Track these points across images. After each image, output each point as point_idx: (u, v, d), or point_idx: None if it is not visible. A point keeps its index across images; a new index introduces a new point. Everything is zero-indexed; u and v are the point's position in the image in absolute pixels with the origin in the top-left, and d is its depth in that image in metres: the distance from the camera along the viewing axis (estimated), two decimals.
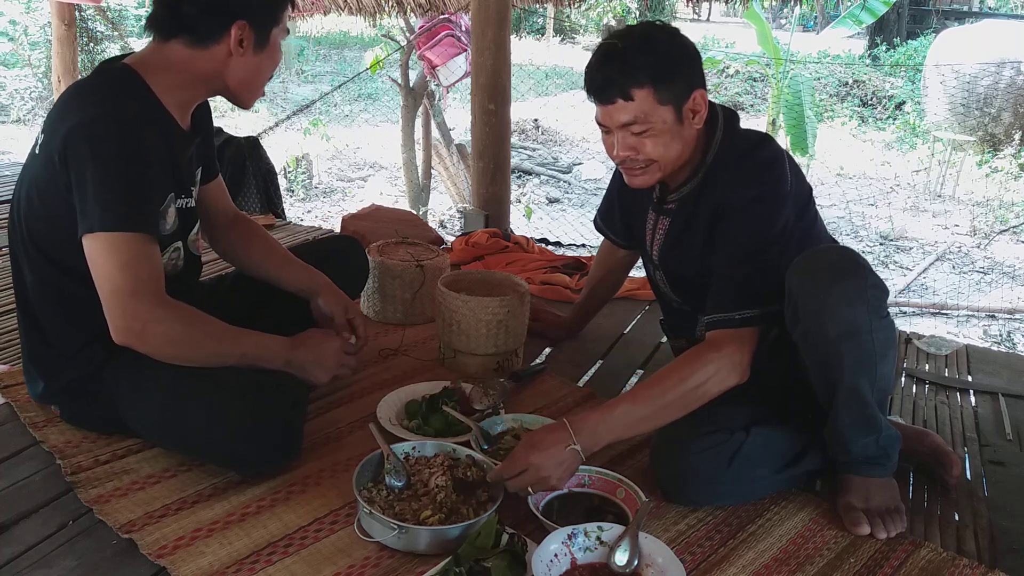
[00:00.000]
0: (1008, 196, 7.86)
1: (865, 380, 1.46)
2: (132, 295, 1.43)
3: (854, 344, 1.43)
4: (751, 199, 1.55)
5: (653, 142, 1.54)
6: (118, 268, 1.43)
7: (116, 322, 1.45)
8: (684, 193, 1.66)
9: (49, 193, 1.50)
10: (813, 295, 1.44)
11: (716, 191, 1.60)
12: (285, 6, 1.59)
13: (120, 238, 1.43)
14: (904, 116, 10.44)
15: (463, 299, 2.03)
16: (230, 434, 1.49)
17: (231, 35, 1.51)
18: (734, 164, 1.59)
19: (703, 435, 1.54)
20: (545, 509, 1.47)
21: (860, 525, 1.49)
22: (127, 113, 1.46)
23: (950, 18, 13.84)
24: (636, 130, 1.52)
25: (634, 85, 1.49)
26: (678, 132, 1.55)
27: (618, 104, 1.51)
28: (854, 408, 1.48)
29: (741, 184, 1.56)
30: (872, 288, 1.45)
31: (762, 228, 1.55)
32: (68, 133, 1.43)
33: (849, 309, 1.42)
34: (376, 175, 9.09)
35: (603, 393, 2.03)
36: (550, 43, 15.93)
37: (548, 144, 10.36)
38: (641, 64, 1.49)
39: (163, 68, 1.53)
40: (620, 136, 1.55)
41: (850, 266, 1.46)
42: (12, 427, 1.73)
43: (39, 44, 9.35)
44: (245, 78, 1.58)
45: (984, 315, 5.30)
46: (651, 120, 1.51)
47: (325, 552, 1.39)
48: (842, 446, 1.53)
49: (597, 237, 7.08)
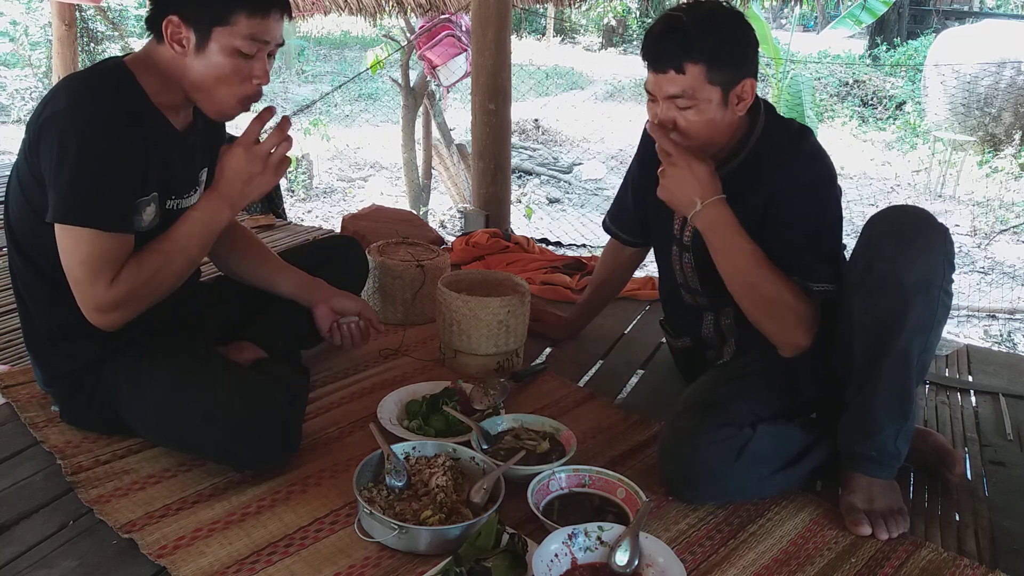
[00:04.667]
0: (1008, 196, 7.86)
1: (917, 344, 1.46)
2: (90, 287, 1.47)
3: (925, 297, 1.43)
4: (810, 182, 1.60)
5: (693, 119, 1.56)
6: (77, 262, 1.46)
7: (86, 313, 1.50)
8: (723, 174, 1.65)
9: (27, 183, 1.51)
10: (897, 240, 1.45)
11: (768, 175, 1.62)
12: (226, 6, 1.47)
13: (81, 232, 1.44)
14: (904, 116, 10.44)
15: (464, 299, 2.03)
16: (228, 431, 1.49)
17: (165, 32, 1.47)
18: (786, 150, 1.62)
19: (711, 428, 1.54)
20: (545, 509, 1.47)
21: (862, 526, 1.49)
22: (102, 108, 1.44)
23: (950, 18, 13.83)
24: (681, 104, 1.55)
25: (689, 60, 1.52)
26: (720, 115, 1.58)
27: (669, 75, 1.54)
28: (896, 378, 1.47)
29: (800, 168, 1.60)
30: (950, 243, 1.47)
31: (821, 210, 1.60)
32: (43, 123, 1.43)
33: (931, 257, 1.43)
34: (376, 175, 9.10)
35: (603, 393, 2.03)
36: (550, 43, 15.94)
37: (548, 144, 10.37)
38: (700, 41, 1.51)
39: (150, 67, 1.53)
40: (664, 107, 1.58)
41: (932, 220, 1.48)
42: (12, 427, 1.73)
43: (40, 44, 9.36)
44: (196, 82, 1.52)
45: (984, 315, 5.30)
46: (698, 97, 1.54)
47: (325, 552, 1.39)
48: (867, 431, 1.51)
49: (598, 237, 7.05)
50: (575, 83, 13.29)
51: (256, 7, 1.49)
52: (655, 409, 1.94)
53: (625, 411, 1.94)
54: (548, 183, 8.76)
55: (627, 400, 2.06)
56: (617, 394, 2.08)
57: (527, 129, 10.59)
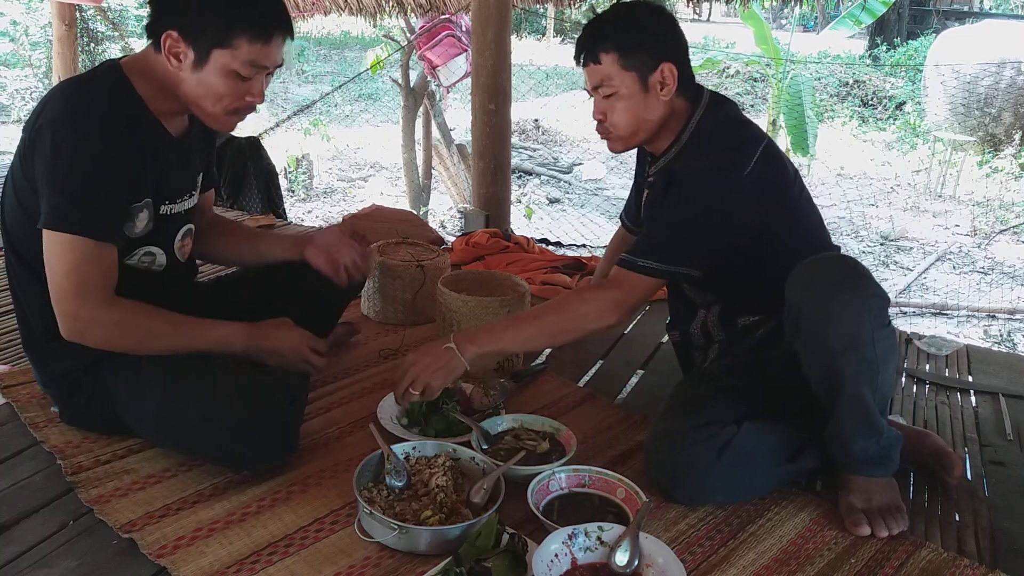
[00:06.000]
0: (1008, 196, 7.86)
1: (867, 388, 1.46)
2: (75, 297, 1.46)
3: (857, 356, 1.44)
4: (699, 172, 1.63)
5: (617, 108, 1.64)
6: (64, 270, 1.45)
7: (60, 320, 1.48)
8: (660, 166, 1.73)
9: (22, 188, 1.51)
10: (814, 308, 1.45)
11: (683, 164, 1.67)
12: (227, 28, 1.45)
13: (70, 240, 1.44)
14: (904, 116, 10.44)
15: (464, 299, 2.03)
16: (227, 432, 1.49)
17: (164, 45, 1.47)
18: (704, 140, 1.66)
19: (695, 428, 1.55)
20: (545, 509, 1.47)
21: (861, 526, 1.49)
22: (97, 114, 1.44)
23: (950, 18, 13.83)
24: (604, 92, 1.64)
25: (602, 49, 1.62)
26: (643, 101, 1.63)
27: (590, 67, 1.65)
28: (856, 415, 1.49)
29: (695, 158, 1.65)
30: (873, 298, 1.45)
31: (702, 202, 1.61)
32: (38, 129, 1.43)
33: (851, 321, 1.42)
34: (376, 175, 9.10)
35: (603, 393, 2.03)
36: (550, 43, 15.94)
37: (548, 144, 10.37)
38: (610, 31, 1.62)
39: (147, 73, 1.52)
40: (595, 100, 1.68)
41: (851, 277, 1.46)
42: (12, 427, 1.73)
43: (40, 44, 9.36)
44: (193, 96, 1.51)
45: (984, 315, 5.30)
46: (614, 84, 1.62)
47: (325, 552, 1.39)
48: (844, 448, 1.53)
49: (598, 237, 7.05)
50: (575, 83, 13.27)
51: (258, 32, 1.47)
52: (655, 409, 1.92)
53: (625, 411, 1.94)
54: (548, 183, 8.76)
55: (627, 400, 2.06)
56: (617, 394, 2.09)
57: (527, 129, 10.59)
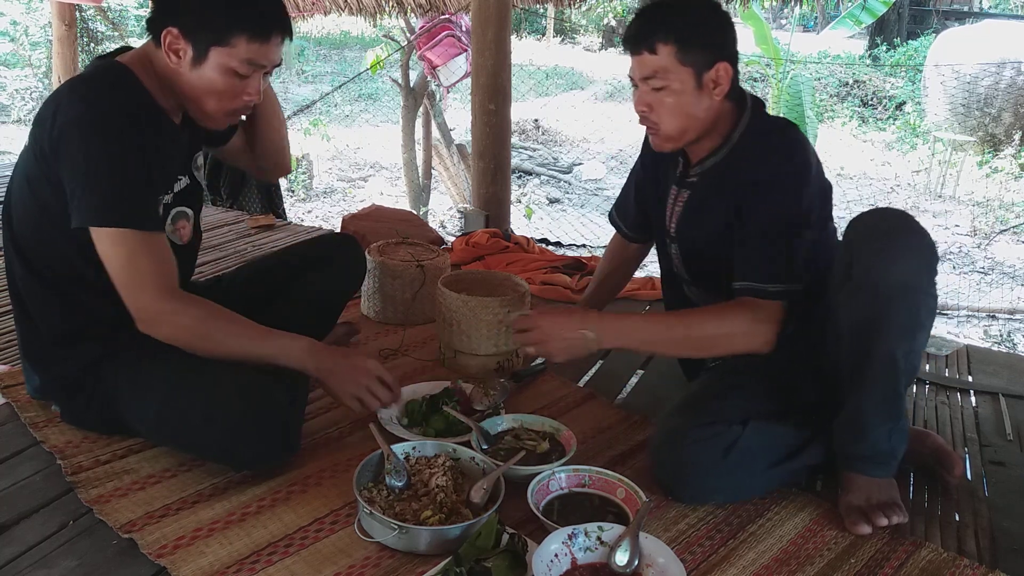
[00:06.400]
0: (1008, 196, 7.86)
1: (902, 348, 1.44)
2: (138, 289, 1.47)
3: (905, 305, 1.41)
4: (778, 174, 1.59)
5: (667, 103, 1.57)
6: (121, 264, 1.47)
7: (132, 314, 1.49)
8: (707, 167, 1.68)
9: (40, 188, 1.51)
10: (875, 249, 1.43)
11: (743, 167, 1.62)
12: (226, 26, 1.47)
13: (120, 234, 1.45)
14: (904, 116, 10.44)
15: (463, 299, 2.03)
16: (228, 431, 1.50)
17: (164, 41, 1.48)
18: (762, 142, 1.62)
19: (700, 426, 1.54)
20: (545, 509, 1.47)
21: (860, 525, 1.49)
22: (118, 110, 1.46)
23: (950, 18, 13.83)
24: (655, 85, 1.57)
25: (659, 40, 1.54)
26: (695, 99, 1.58)
27: (643, 56, 1.56)
28: (883, 382, 1.46)
29: (769, 160, 1.60)
30: (930, 248, 1.44)
31: (789, 203, 1.58)
32: (63, 128, 1.43)
33: (909, 265, 1.41)
34: (376, 175, 9.10)
35: (603, 393, 2.03)
36: (550, 43, 15.93)
37: (548, 144, 10.36)
38: (670, 21, 1.55)
39: (148, 69, 1.54)
40: (641, 91, 1.60)
41: (914, 224, 1.46)
42: (12, 427, 1.73)
43: (40, 44, 9.36)
44: (190, 93, 1.53)
45: (984, 315, 5.30)
46: (669, 78, 1.55)
47: (325, 552, 1.39)
48: (859, 433, 1.51)
49: (598, 237, 7.03)
50: (575, 83, 13.29)
51: (257, 32, 1.49)
52: (655, 409, 1.93)
53: (625, 411, 1.94)
54: (548, 183, 8.76)
55: (627, 400, 2.06)
56: (617, 394, 2.09)
57: (527, 129, 10.59)
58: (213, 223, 3.41)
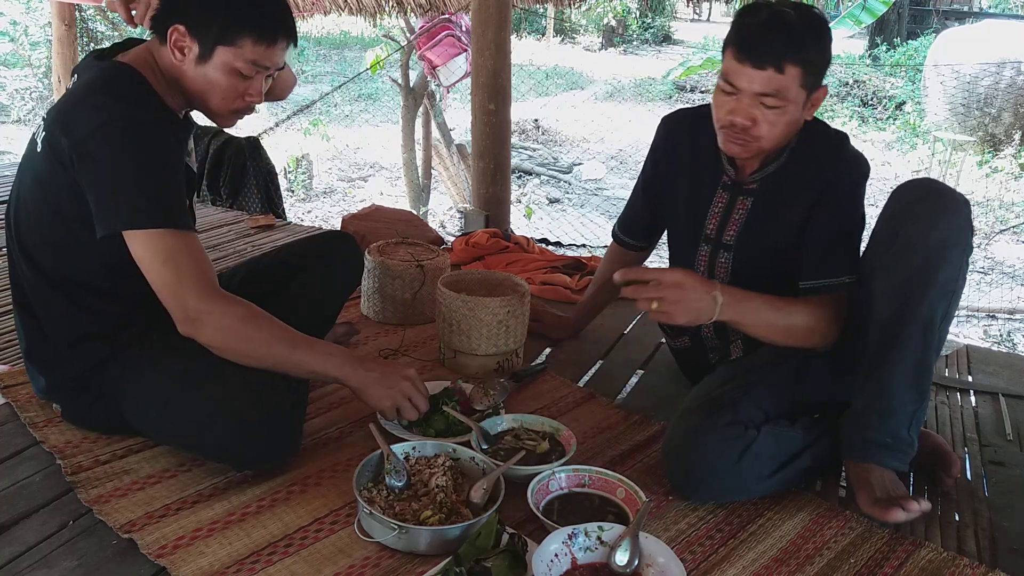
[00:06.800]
0: (1008, 196, 7.86)
1: (941, 307, 1.46)
2: (181, 289, 1.46)
3: (950, 257, 1.44)
4: (856, 181, 1.63)
5: (774, 120, 1.53)
6: (160, 264, 1.46)
7: (173, 315, 1.48)
8: (768, 172, 1.68)
9: (54, 191, 1.51)
10: (925, 203, 1.47)
11: (811, 169, 1.63)
12: (233, 26, 1.49)
13: (156, 235, 1.45)
14: (904, 116, 10.44)
15: (463, 299, 2.03)
16: (230, 432, 1.50)
17: (169, 38, 1.50)
18: (831, 151, 1.64)
19: (718, 427, 1.54)
20: (545, 509, 1.47)
21: (894, 512, 1.47)
22: (144, 114, 1.48)
23: (950, 18, 13.83)
24: (770, 103, 1.51)
25: (790, 61, 1.48)
26: (796, 119, 1.58)
27: (767, 72, 1.48)
28: (918, 347, 1.47)
29: (846, 169, 1.63)
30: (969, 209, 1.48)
31: (859, 209, 1.64)
32: (88, 136, 1.43)
33: (954, 218, 1.45)
34: (376, 175, 9.10)
35: (603, 393, 2.03)
36: (550, 43, 15.93)
37: (548, 144, 10.36)
38: (804, 43, 1.50)
39: (154, 69, 1.55)
40: (747, 103, 1.53)
41: (953, 190, 1.51)
42: (12, 427, 1.73)
43: (39, 44, 9.35)
44: (196, 90, 1.55)
45: (984, 315, 5.30)
46: (787, 99, 1.51)
47: (325, 552, 1.39)
48: (883, 413, 1.49)
49: (597, 237, 7.00)
50: (575, 83, 13.29)
51: (264, 34, 1.51)
52: (655, 409, 1.94)
53: (625, 411, 1.94)
54: (548, 183, 8.76)
55: (627, 400, 2.06)
56: (617, 394, 2.09)
57: (527, 129, 10.59)
58: (213, 223, 3.41)
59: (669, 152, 1.86)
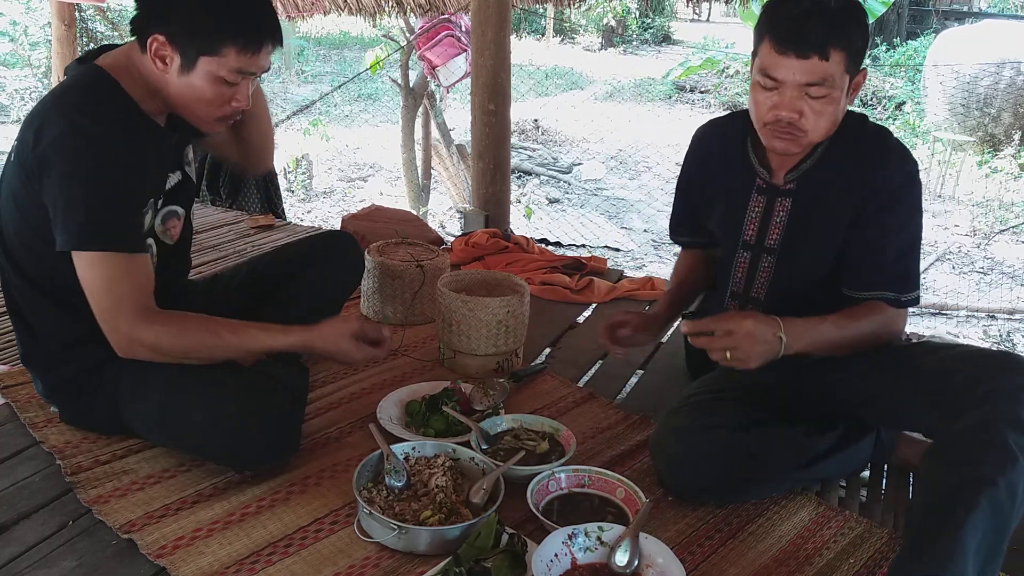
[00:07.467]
0: (1008, 196, 7.86)
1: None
2: (113, 312, 1.45)
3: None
4: (907, 180, 1.54)
5: (821, 110, 1.47)
6: (98, 287, 1.45)
7: (110, 340, 1.48)
8: (803, 171, 1.60)
9: (25, 203, 1.49)
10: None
11: (850, 167, 1.56)
12: (216, 36, 1.44)
13: (99, 257, 1.43)
14: (904, 116, 10.43)
15: (463, 299, 2.03)
16: (228, 432, 1.50)
17: (150, 47, 1.46)
18: (874, 143, 1.57)
19: (705, 428, 1.54)
20: (545, 509, 1.48)
21: None
22: (105, 125, 1.43)
23: (950, 18, 13.83)
24: (816, 93, 1.45)
25: (836, 46, 1.42)
26: (842, 107, 1.51)
27: (812, 61, 1.42)
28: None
29: (894, 164, 1.54)
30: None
31: (916, 209, 1.55)
32: (46, 146, 1.41)
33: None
34: (376, 175, 9.10)
35: (603, 393, 2.03)
36: (550, 43, 15.93)
37: (548, 144, 10.36)
38: (845, 27, 1.44)
39: (133, 75, 1.51)
40: (791, 95, 1.46)
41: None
42: (12, 427, 1.73)
43: (39, 44, 9.35)
44: (179, 100, 1.51)
45: (984, 315, 5.30)
46: (833, 86, 1.45)
47: (325, 552, 1.39)
48: None
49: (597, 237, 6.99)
50: (575, 83, 13.28)
51: (248, 42, 1.47)
52: (655, 409, 1.94)
53: (625, 411, 1.94)
54: (548, 183, 8.75)
55: (627, 400, 2.06)
56: (617, 394, 2.09)
57: (527, 129, 10.58)
58: (213, 223, 3.40)
59: (701, 162, 1.80)
